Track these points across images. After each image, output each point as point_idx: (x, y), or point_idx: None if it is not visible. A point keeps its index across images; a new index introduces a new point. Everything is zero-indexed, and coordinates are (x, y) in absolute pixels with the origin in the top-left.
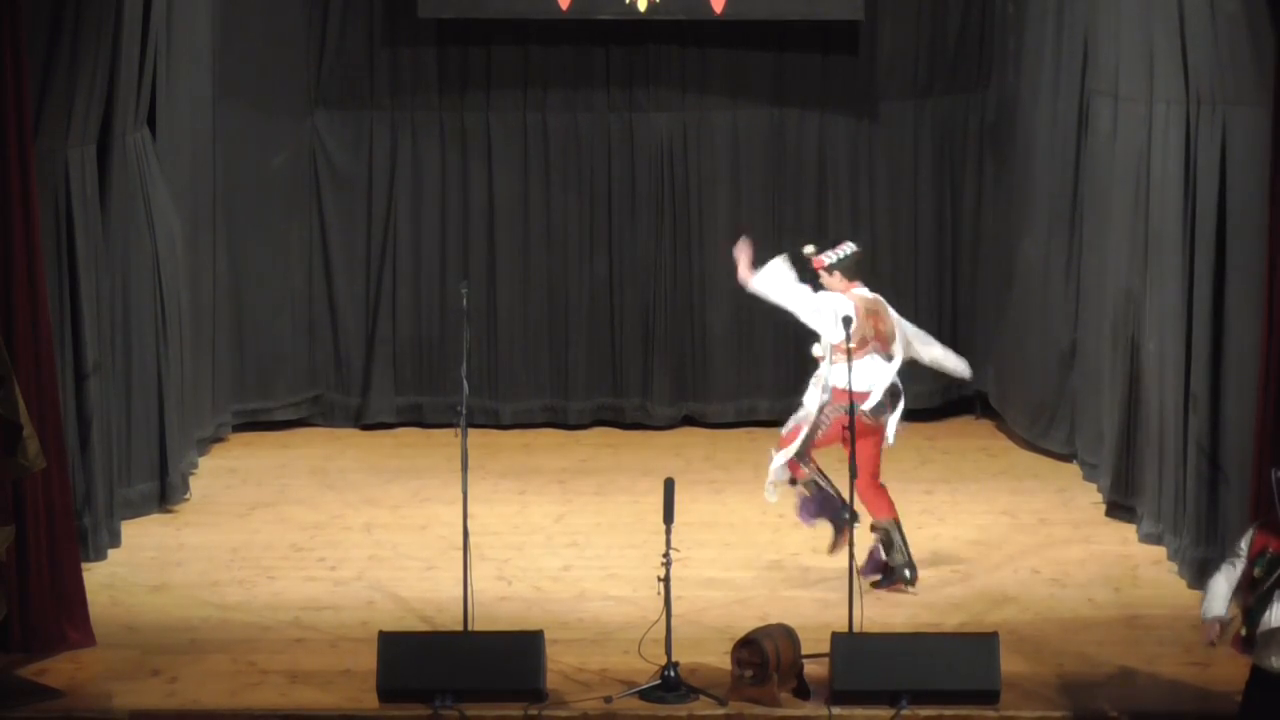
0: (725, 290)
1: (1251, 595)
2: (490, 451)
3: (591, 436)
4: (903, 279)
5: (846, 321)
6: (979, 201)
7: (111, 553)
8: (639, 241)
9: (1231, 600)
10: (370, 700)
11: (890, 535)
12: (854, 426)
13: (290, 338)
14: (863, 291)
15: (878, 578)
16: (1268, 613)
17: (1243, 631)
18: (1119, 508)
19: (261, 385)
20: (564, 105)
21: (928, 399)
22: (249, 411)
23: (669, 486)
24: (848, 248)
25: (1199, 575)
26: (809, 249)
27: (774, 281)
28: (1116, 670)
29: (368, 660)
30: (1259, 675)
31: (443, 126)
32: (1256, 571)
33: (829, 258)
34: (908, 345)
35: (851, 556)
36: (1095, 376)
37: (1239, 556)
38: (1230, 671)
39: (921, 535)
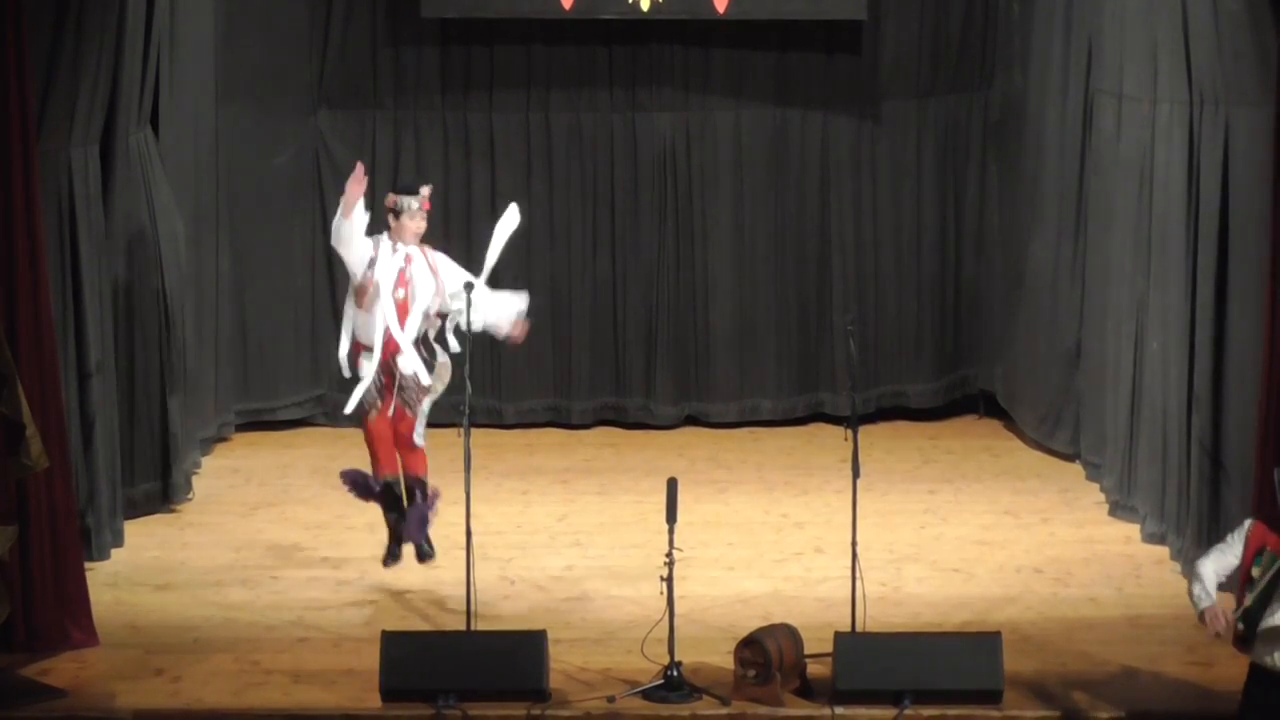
0: (728, 290)
1: (1249, 594)
2: (493, 451)
3: (594, 436)
4: (905, 278)
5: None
6: (982, 201)
7: (115, 552)
8: (642, 241)
9: (1219, 589)
10: (373, 700)
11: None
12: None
13: (293, 337)
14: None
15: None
16: (1267, 614)
17: (1240, 628)
18: (1122, 507)
19: (265, 385)
20: (567, 105)
21: (930, 398)
22: (252, 411)
23: (672, 486)
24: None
25: None
26: (428, 189)
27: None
28: (1119, 670)
29: (371, 660)
30: (1258, 672)
31: (446, 126)
32: (1254, 571)
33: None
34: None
35: (855, 557)
36: (1099, 376)
37: (1229, 545)
38: (1232, 671)
39: (925, 535)
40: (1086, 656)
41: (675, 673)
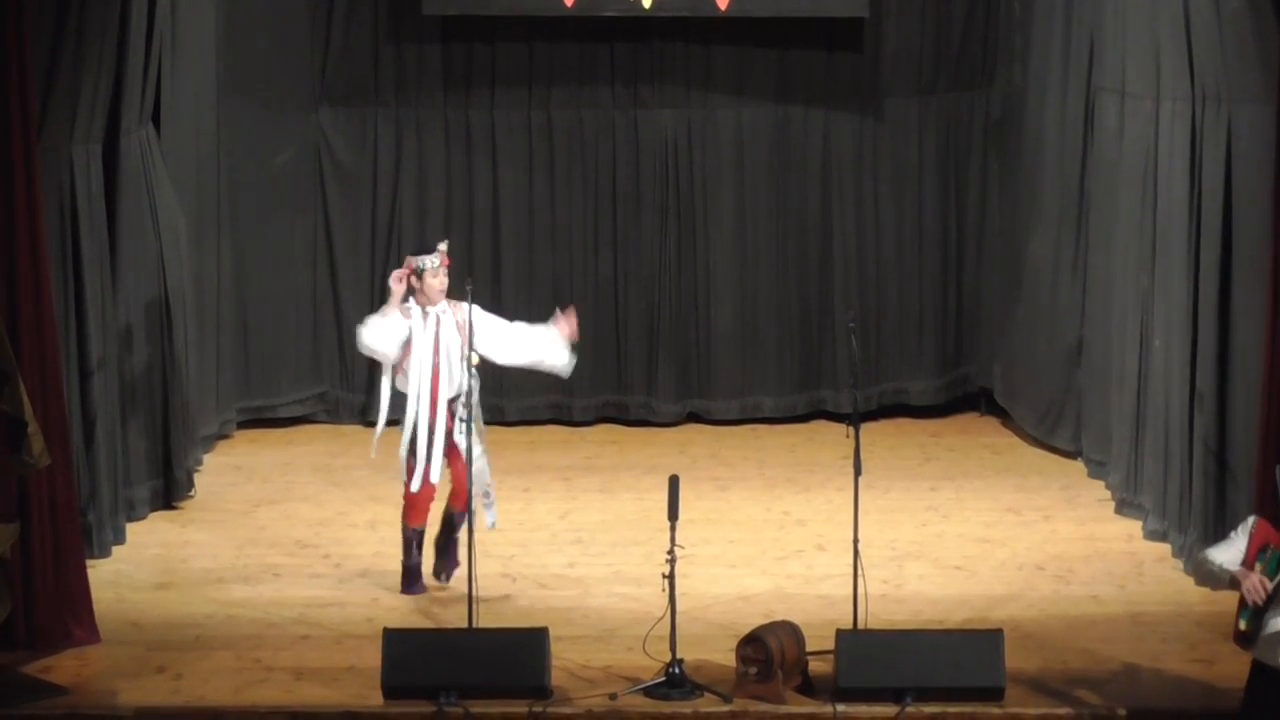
0: (730, 287)
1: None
2: (495, 448)
3: (596, 433)
4: (907, 276)
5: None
6: (983, 198)
7: (116, 550)
8: (643, 239)
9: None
10: (375, 697)
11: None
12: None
13: (295, 334)
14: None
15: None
16: (1271, 615)
17: (1242, 626)
18: (1129, 505)
19: (266, 382)
20: (569, 102)
21: (932, 396)
22: (254, 408)
23: (674, 483)
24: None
25: None
26: (444, 245)
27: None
28: (1121, 667)
29: (373, 657)
30: (1260, 670)
31: (447, 123)
32: (1258, 568)
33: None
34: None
35: (857, 554)
36: (1102, 374)
37: (1233, 540)
38: (1234, 669)
39: (926, 532)
40: (1088, 654)
41: (677, 670)
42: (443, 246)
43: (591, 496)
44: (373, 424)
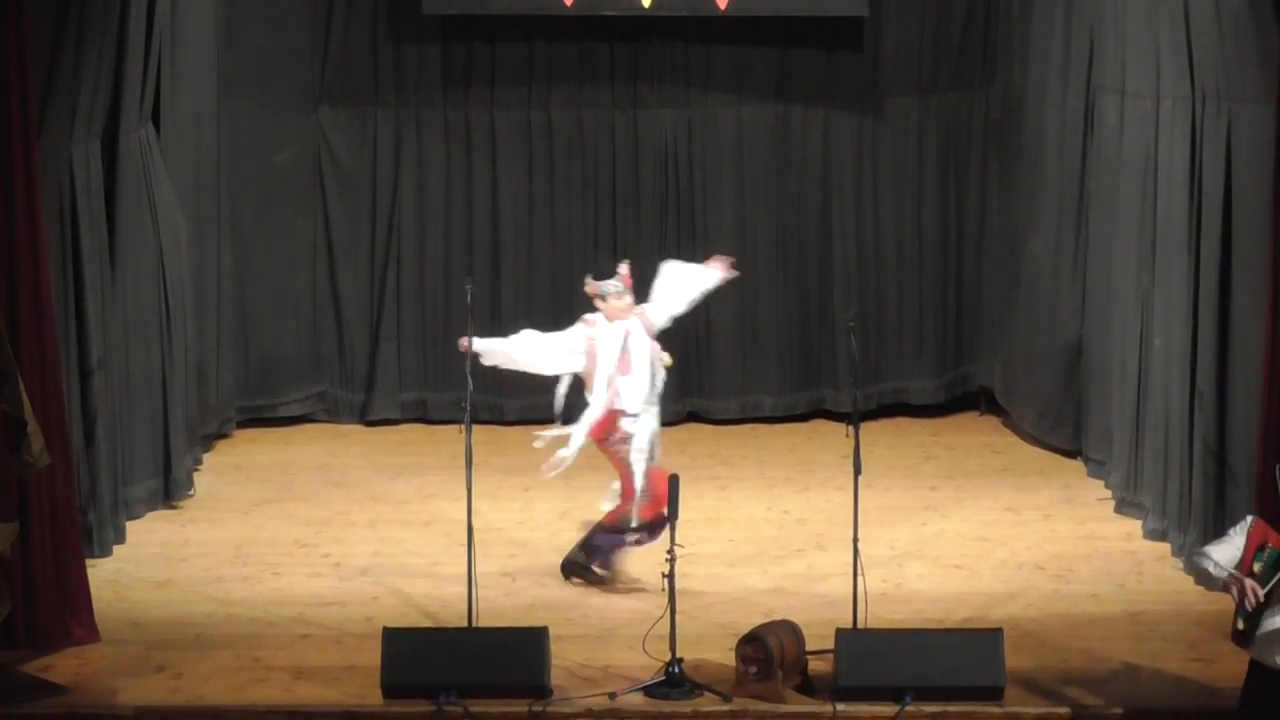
0: (729, 286)
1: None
2: (495, 448)
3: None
4: (906, 275)
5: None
6: (983, 197)
7: (116, 549)
8: (643, 238)
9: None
10: (375, 696)
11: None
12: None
13: (295, 334)
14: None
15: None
16: (1269, 615)
17: (1240, 626)
18: (1129, 504)
19: (266, 381)
20: (568, 101)
21: (932, 395)
22: (253, 408)
23: (673, 483)
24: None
25: None
26: (625, 267)
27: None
28: (1120, 666)
29: (372, 656)
30: (1258, 670)
31: (447, 123)
32: (1256, 567)
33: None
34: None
35: (857, 553)
36: (1101, 373)
37: (1230, 538)
38: (1233, 668)
39: (926, 531)
40: (1088, 653)
41: (677, 669)
42: (624, 269)
43: (591, 496)
44: (372, 424)
